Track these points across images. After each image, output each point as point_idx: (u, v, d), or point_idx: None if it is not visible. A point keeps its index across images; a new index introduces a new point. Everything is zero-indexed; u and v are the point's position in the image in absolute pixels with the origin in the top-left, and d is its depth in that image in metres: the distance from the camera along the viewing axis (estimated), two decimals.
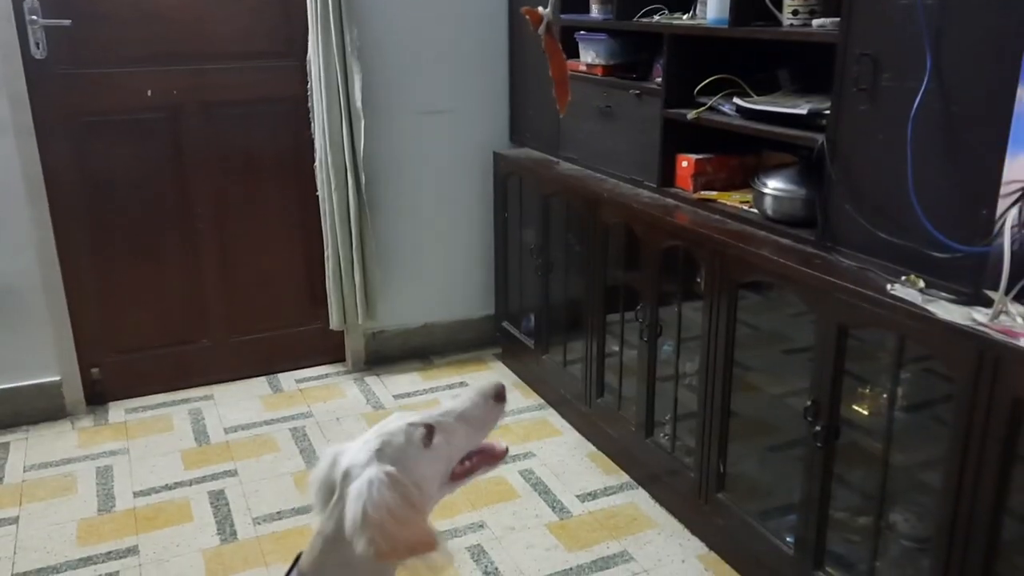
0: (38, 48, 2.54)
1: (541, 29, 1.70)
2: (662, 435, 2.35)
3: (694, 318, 2.14)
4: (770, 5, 1.93)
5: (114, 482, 2.47)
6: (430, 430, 1.19)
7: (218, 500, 2.38)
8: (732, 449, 2.07)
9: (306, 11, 2.73)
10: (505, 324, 3.22)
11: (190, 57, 2.75)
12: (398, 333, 3.25)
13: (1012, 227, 1.41)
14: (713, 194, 2.21)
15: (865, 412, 1.82)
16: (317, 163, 2.88)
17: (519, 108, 3.13)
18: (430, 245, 3.22)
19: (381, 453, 1.15)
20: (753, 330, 2.16)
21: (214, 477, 2.49)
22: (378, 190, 3.04)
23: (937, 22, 1.46)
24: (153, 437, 2.71)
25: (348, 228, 2.92)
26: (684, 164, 2.28)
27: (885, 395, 1.73)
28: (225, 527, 2.27)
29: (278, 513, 2.32)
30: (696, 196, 2.22)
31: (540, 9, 1.73)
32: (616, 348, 2.52)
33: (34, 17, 2.51)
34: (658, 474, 2.36)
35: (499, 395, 1.27)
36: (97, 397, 2.89)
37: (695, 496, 2.16)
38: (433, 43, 3.01)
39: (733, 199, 2.15)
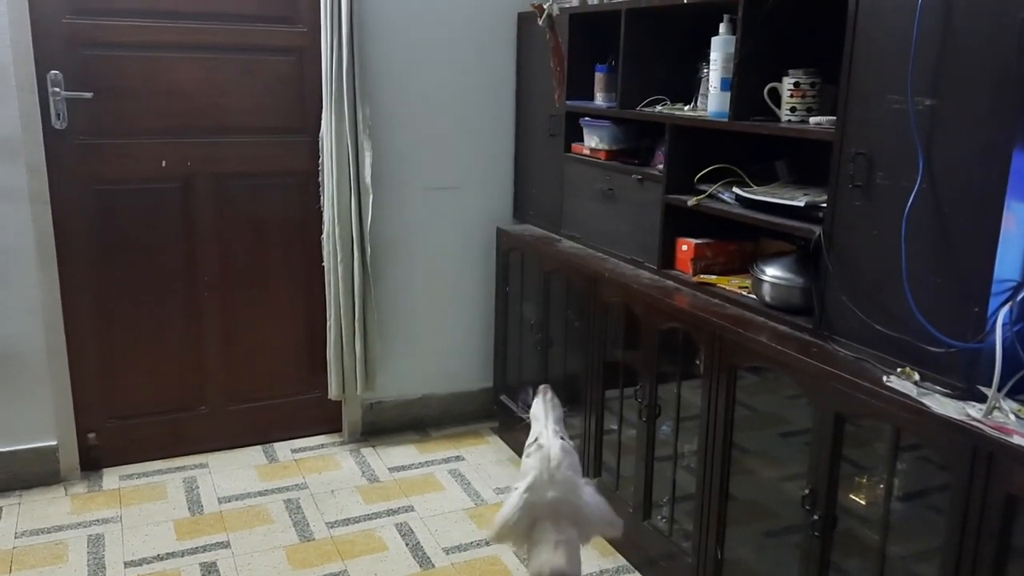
0: (59, 119, 2.62)
1: (543, 20, 1.93)
2: (660, 517, 2.34)
3: (692, 398, 2.16)
4: (769, 102, 2.01)
5: (105, 551, 2.44)
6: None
7: (209, 573, 2.35)
8: (730, 534, 2.07)
9: (321, 90, 2.82)
10: (503, 398, 3.23)
11: (206, 131, 2.83)
12: (396, 404, 3.26)
13: (1004, 325, 1.46)
14: (712, 278, 2.26)
15: (862, 501, 1.83)
16: (324, 235, 2.94)
17: (523, 185, 3.21)
18: (431, 317, 3.25)
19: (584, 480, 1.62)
20: (751, 411, 2.18)
21: (206, 548, 2.47)
22: (382, 262, 3.09)
23: (928, 127, 1.54)
24: (147, 505, 2.69)
25: (352, 299, 2.96)
26: (684, 248, 2.33)
27: (882, 485, 1.74)
28: None
29: None
30: (696, 279, 2.27)
31: (544, 4, 1.98)
32: (614, 426, 2.54)
33: (57, 89, 2.60)
34: (655, 558, 2.35)
35: (544, 392, 1.77)
36: (92, 463, 2.87)
37: None
38: (442, 122, 3.11)
39: (732, 284, 2.20)
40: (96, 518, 2.61)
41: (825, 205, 1.81)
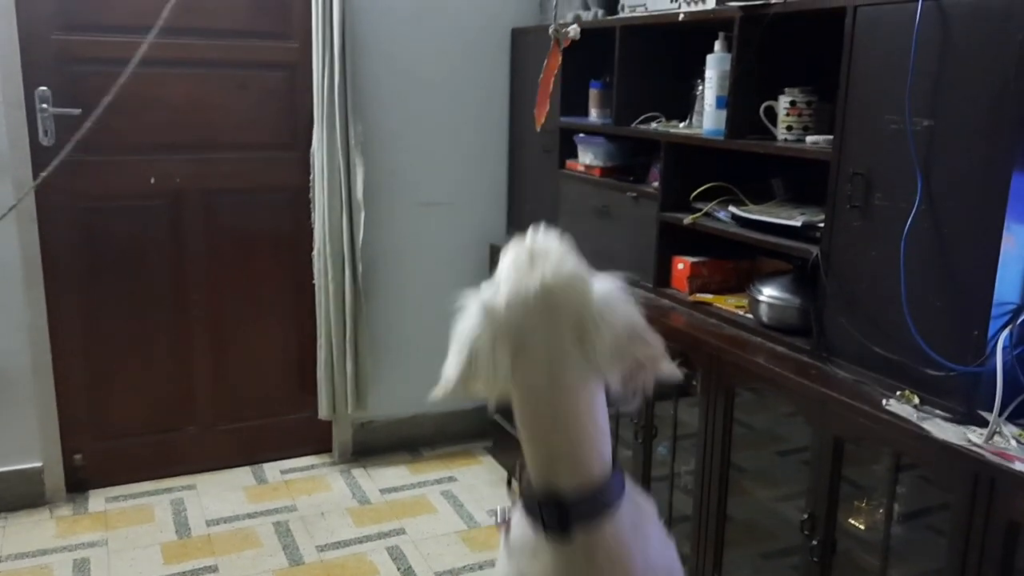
0: (46, 135, 2.59)
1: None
2: None
3: (689, 419, 2.13)
4: (765, 120, 1.99)
5: None
6: None
7: None
8: (727, 555, 2.03)
9: (312, 106, 2.80)
10: (496, 417, 3.19)
11: (195, 146, 2.80)
12: (387, 424, 3.22)
13: (1004, 348, 1.43)
14: (708, 297, 2.24)
15: (862, 526, 1.80)
16: (315, 252, 2.91)
17: (517, 202, 3.19)
18: (422, 334, 3.21)
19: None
20: (748, 431, 2.15)
21: (194, 573, 2.42)
22: (374, 279, 3.06)
23: (926, 148, 1.52)
24: (133, 528, 2.64)
25: (343, 317, 2.92)
26: (680, 266, 2.31)
27: (882, 510, 1.71)
28: None
29: None
30: (692, 298, 2.25)
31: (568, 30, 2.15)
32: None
33: (44, 106, 2.57)
34: None
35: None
36: (78, 484, 2.82)
37: None
38: (435, 137, 3.08)
39: (729, 303, 2.18)
40: (82, 541, 2.56)
41: (822, 225, 1.79)
